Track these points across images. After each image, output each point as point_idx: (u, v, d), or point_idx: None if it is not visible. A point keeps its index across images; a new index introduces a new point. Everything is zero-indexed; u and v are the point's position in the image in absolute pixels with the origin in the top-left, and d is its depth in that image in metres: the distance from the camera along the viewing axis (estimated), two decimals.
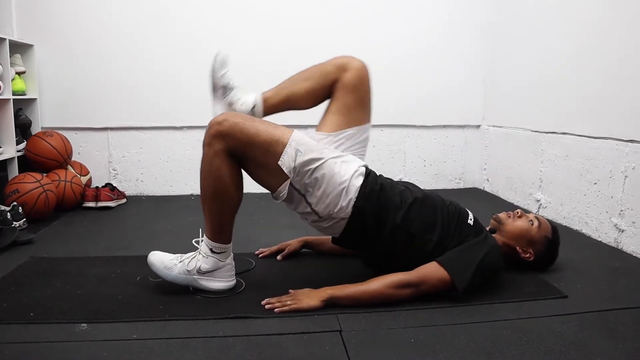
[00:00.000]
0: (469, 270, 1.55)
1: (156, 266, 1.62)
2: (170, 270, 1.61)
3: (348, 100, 1.72)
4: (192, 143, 3.30)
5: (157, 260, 1.63)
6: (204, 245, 1.63)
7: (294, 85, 1.75)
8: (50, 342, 1.33)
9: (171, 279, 1.62)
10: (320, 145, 1.63)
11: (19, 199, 2.45)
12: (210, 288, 1.63)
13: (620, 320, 1.46)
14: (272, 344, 1.32)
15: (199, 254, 1.63)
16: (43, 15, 3.10)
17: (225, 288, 1.64)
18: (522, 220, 1.80)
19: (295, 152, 1.54)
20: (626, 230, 2.13)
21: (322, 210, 1.58)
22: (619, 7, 2.19)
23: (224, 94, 1.71)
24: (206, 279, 1.62)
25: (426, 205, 1.66)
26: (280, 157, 1.53)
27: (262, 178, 1.62)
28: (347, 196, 1.57)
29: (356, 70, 1.73)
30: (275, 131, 1.57)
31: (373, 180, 1.62)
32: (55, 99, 3.17)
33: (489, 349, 1.30)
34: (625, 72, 2.15)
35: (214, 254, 1.61)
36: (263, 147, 1.54)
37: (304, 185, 1.56)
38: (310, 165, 1.55)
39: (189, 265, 1.61)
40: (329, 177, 1.56)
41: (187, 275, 1.61)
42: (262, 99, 1.72)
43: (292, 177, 1.55)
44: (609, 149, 2.22)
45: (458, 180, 3.58)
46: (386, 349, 1.30)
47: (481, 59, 3.46)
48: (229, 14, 3.24)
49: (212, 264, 1.62)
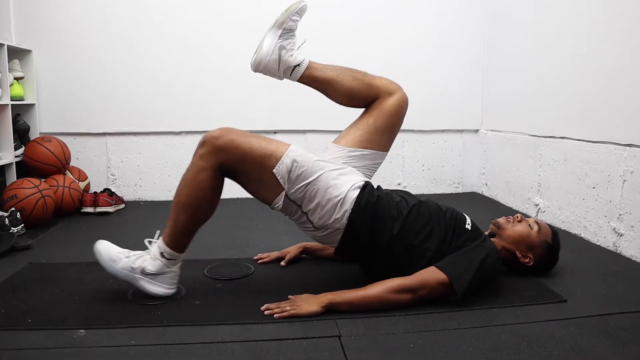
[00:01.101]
0: (468, 274, 1.54)
1: (101, 256, 1.60)
2: (114, 262, 1.59)
3: (380, 122, 1.74)
4: (190, 148, 3.25)
5: (104, 250, 1.61)
6: (155, 247, 1.61)
7: (342, 75, 1.76)
8: (48, 348, 1.32)
9: (112, 272, 1.59)
10: (319, 158, 1.63)
11: (17, 205, 2.44)
12: (148, 291, 1.60)
13: (619, 324, 1.45)
14: (271, 349, 1.32)
15: (147, 254, 1.61)
16: (41, 21, 3.11)
17: (164, 294, 1.61)
18: (522, 225, 1.80)
19: (292, 162, 1.55)
20: (625, 234, 2.13)
21: (317, 221, 1.59)
22: (617, 11, 2.20)
23: (283, 34, 1.71)
24: (147, 281, 1.59)
25: (422, 214, 1.65)
26: (276, 165, 1.54)
27: (257, 191, 1.63)
28: (342, 208, 1.57)
29: (400, 100, 1.78)
30: (269, 145, 1.58)
31: (370, 193, 1.62)
32: (53, 104, 3.17)
33: (489, 353, 1.29)
34: (623, 77, 2.15)
35: (163, 258, 1.59)
36: (257, 162, 1.55)
37: (299, 197, 1.57)
38: (305, 177, 1.56)
39: (135, 262, 1.59)
40: (324, 189, 1.56)
41: (129, 272, 1.58)
42: (308, 64, 1.73)
43: (286, 188, 1.56)
44: (608, 153, 2.23)
45: (457, 184, 3.58)
46: (385, 354, 1.30)
47: (479, 63, 3.47)
48: (228, 22, 3.25)
49: (158, 268, 1.59)
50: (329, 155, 1.72)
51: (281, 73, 1.73)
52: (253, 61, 1.73)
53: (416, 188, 3.52)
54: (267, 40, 1.71)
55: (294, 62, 1.71)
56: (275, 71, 1.73)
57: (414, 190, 3.51)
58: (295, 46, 1.74)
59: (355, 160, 1.72)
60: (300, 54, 1.74)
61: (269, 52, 1.70)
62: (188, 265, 1.92)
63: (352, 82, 1.75)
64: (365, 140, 1.74)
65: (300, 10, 1.73)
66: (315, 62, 1.77)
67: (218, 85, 3.27)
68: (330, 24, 3.32)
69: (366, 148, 1.73)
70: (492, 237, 1.79)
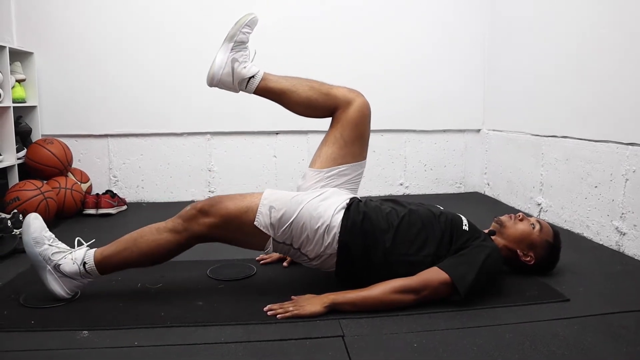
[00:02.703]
0: (471, 274, 1.54)
1: (29, 230, 1.56)
2: (36, 244, 1.55)
3: (347, 133, 1.73)
4: (192, 149, 3.31)
5: (34, 226, 1.57)
6: (81, 253, 1.59)
7: (298, 85, 1.76)
8: (51, 349, 1.32)
9: (29, 251, 1.56)
10: (296, 194, 1.64)
11: (20, 207, 2.45)
12: (48, 285, 1.56)
13: (623, 323, 1.45)
14: (275, 350, 1.32)
15: (70, 253, 1.58)
16: (43, 23, 3.11)
17: (60, 296, 1.58)
18: (523, 224, 1.80)
19: (269, 209, 1.56)
20: (627, 233, 2.12)
21: (311, 253, 1.60)
22: (618, 10, 2.20)
23: (235, 47, 1.72)
24: (53, 277, 1.56)
25: (414, 223, 1.64)
26: (255, 218, 1.55)
27: (245, 244, 1.65)
28: (330, 233, 1.57)
29: (361, 106, 1.76)
30: (243, 202, 1.58)
31: (355, 211, 1.61)
32: (55, 106, 3.17)
33: (492, 353, 1.29)
34: (625, 75, 2.15)
35: (82, 268, 1.56)
36: (237, 223, 1.56)
37: (287, 237, 1.58)
38: (287, 218, 1.56)
39: (54, 255, 1.56)
40: (309, 221, 1.57)
41: (44, 260, 1.55)
42: (262, 76, 1.74)
43: (272, 234, 1.57)
44: (610, 152, 2.23)
45: (459, 184, 3.58)
46: (389, 354, 1.30)
47: (481, 63, 3.47)
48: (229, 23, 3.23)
49: (71, 272, 1.56)
50: (309, 182, 1.73)
51: (236, 86, 1.74)
52: (207, 76, 1.73)
53: (418, 188, 3.52)
54: (219, 54, 1.72)
55: (248, 74, 1.73)
56: (230, 84, 1.74)
57: (416, 191, 3.51)
58: (248, 58, 1.76)
59: (335, 178, 1.73)
60: (255, 66, 1.75)
61: (221, 65, 1.71)
62: (191, 266, 1.93)
63: (308, 91, 1.75)
64: (338, 157, 1.73)
65: (251, 22, 1.75)
66: (271, 73, 1.77)
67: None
68: (332, 24, 3.32)
69: (341, 164, 1.73)
70: (492, 235, 1.79)
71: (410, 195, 3.47)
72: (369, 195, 3.45)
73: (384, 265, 1.59)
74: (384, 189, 3.48)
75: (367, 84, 3.35)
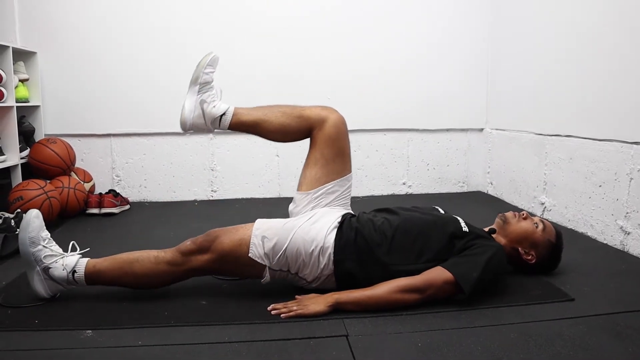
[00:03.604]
0: (475, 272, 1.53)
1: (27, 229, 1.57)
2: (31, 244, 1.56)
3: (327, 151, 1.74)
4: (195, 149, 3.31)
5: (32, 227, 1.57)
6: (74, 259, 1.60)
7: (269, 114, 1.77)
8: (55, 349, 1.33)
9: (21, 251, 1.57)
10: (287, 220, 1.66)
11: (23, 206, 2.45)
12: (33, 285, 1.58)
13: (628, 323, 1.44)
14: (279, 349, 1.32)
15: (61, 259, 1.59)
16: (46, 23, 3.12)
17: (41, 296, 1.59)
18: (526, 222, 1.79)
19: (262, 239, 1.58)
20: (632, 233, 2.11)
21: (309, 276, 1.61)
22: (621, 8, 2.19)
23: (201, 89, 1.74)
24: (39, 278, 1.58)
25: (409, 231, 1.63)
26: (249, 251, 1.57)
27: (242, 274, 1.68)
28: (325, 254, 1.58)
29: (336, 123, 1.76)
30: (236, 235, 1.60)
31: (347, 228, 1.62)
32: (58, 106, 3.17)
33: (497, 352, 1.29)
34: (629, 74, 2.14)
35: (71, 276, 1.58)
36: (232, 258, 1.58)
37: (283, 264, 1.59)
38: (280, 246, 1.58)
39: (46, 258, 1.57)
40: (302, 246, 1.58)
41: (35, 260, 1.57)
42: (233, 111, 1.75)
43: (268, 263, 1.58)
44: (614, 151, 2.22)
45: (462, 184, 3.57)
46: (393, 353, 1.30)
47: (483, 61, 3.46)
48: (228, 24, 3.25)
49: (58, 277, 1.58)
50: (299, 206, 1.74)
51: (209, 126, 1.75)
52: (180, 122, 1.75)
53: (421, 187, 3.51)
54: (187, 99, 1.74)
55: (218, 113, 1.73)
56: (203, 125, 1.75)
57: (419, 190, 3.51)
58: (217, 97, 1.77)
59: (324, 197, 1.74)
60: (224, 104, 1.76)
61: (191, 109, 1.73)
62: None
63: (281, 118, 1.75)
64: (322, 176, 1.74)
65: (212, 61, 1.75)
66: (241, 107, 1.78)
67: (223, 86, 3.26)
68: (333, 24, 3.32)
69: (326, 183, 1.74)
70: (493, 233, 1.78)
71: (413, 195, 3.46)
72: (372, 194, 3.45)
73: (385, 278, 1.57)
74: (387, 189, 3.48)
75: (370, 83, 3.39)
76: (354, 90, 3.36)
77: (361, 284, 1.58)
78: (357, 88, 3.37)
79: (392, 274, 1.58)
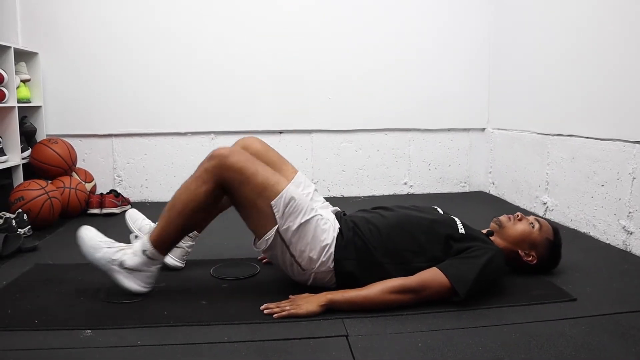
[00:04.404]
0: (471, 275, 1.52)
1: (84, 242, 1.60)
2: (95, 251, 1.58)
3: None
4: (196, 149, 3.31)
5: (87, 236, 1.61)
6: (139, 243, 1.61)
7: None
8: (55, 348, 1.32)
9: (91, 260, 1.59)
10: (309, 201, 1.65)
11: (24, 206, 2.45)
12: (123, 284, 1.59)
13: (631, 323, 1.43)
14: (278, 349, 1.31)
15: (129, 248, 1.61)
16: (47, 24, 3.12)
17: (137, 292, 1.61)
18: (522, 224, 1.77)
19: (290, 199, 1.56)
20: (635, 233, 2.10)
21: (305, 263, 1.60)
22: (625, 7, 2.18)
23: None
24: (124, 275, 1.59)
25: (404, 230, 1.64)
26: (275, 198, 1.54)
27: (249, 217, 1.61)
28: (327, 252, 1.59)
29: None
30: (272, 177, 1.58)
31: (345, 228, 1.63)
32: (59, 106, 3.18)
33: (498, 353, 1.28)
34: (631, 73, 2.13)
35: (144, 255, 1.59)
36: (257, 188, 1.55)
37: (289, 235, 1.57)
38: (299, 216, 1.56)
39: (115, 254, 1.58)
40: (313, 233, 1.58)
41: (108, 262, 1.58)
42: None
43: (279, 224, 1.56)
44: (616, 151, 2.21)
45: (463, 184, 3.56)
46: (393, 353, 1.29)
47: (485, 61, 3.45)
48: (228, 24, 3.25)
49: (137, 264, 1.59)
50: None
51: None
52: None
53: (422, 187, 3.51)
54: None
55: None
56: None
57: (421, 190, 3.50)
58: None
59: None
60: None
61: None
62: (194, 266, 1.93)
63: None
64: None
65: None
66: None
67: (223, 86, 3.28)
68: (334, 23, 3.32)
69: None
70: (491, 235, 1.77)
71: (415, 195, 3.46)
72: (373, 194, 3.44)
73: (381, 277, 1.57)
74: (388, 188, 3.47)
75: (371, 83, 3.38)
76: (355, 89, 3.36)
77: (360, 283, 1.57)
78: (358, 88, 3.36)
79: (389, 273, 1.58)
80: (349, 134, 3.35)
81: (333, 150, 3.38)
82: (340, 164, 3.40)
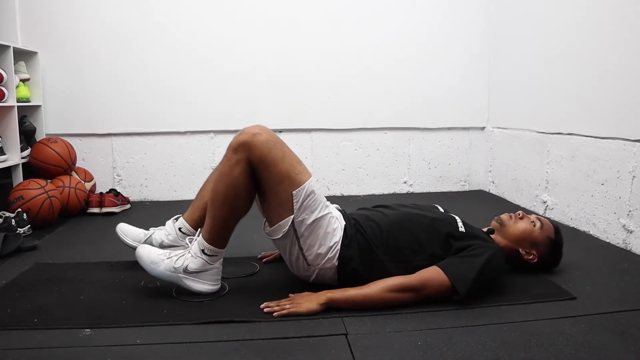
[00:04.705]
0: (471, 273, 1.52)
1: (143, 259, 1.61)
2: (156, 265, 1.59)
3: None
4: (195, 148, 3.31)
5: (145, 254, 1.62)
6: (195, 244, 1.61)
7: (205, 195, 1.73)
8: (54, 347, 1.32)
9: (156, 274, 1.60)
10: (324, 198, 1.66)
11: (24, 206, 2.45)
12: (193, 289, 1.60)
13: (630, 321, 1.43)
14: (278, 348, 1.31)
15: (188, 252, 1.61)
16: (47, 23, 3.12)
17: (209, 291, 1.62)
18: (523, 222, 1.77)
19: (311, 192, 1.56)
20: (635, 231, 2.10)
21: (312, 258, 1.60)
22: (625, 7, 2.18)
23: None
24: (191, 279, 1.60)
25: (404, 228, 1.64)
26: (298, 188, 1.54)
27: (269, 202, 1.60)
28: (334, 249, 1.60)
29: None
30: (298, 166, 1.57)
31: (349, 226, 1.64)
32: (59, 105, 3.18)
33: (498, 351, 1.28)
34: (631, 72, 2.13)
35: (204, 255, 1.59)
36: (281, 174, 1.54)
37: (302, 228, 1.57)
38: (315, 211, 1.57)
39: (176, 262, 1.59)
40: (325, 229, 1.59)
41: (172, 272, 1.59)
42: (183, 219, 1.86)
43: (295, 215, 1.55)
44: (616, 149, 2.20)
45: (463, 182, 3.56)
46: (393, 352, 1.29)
47: (485, 60, 3.45)
48: (228, 22, 3.25)
49: (200, 265, 1.59)
50: None
51: None
52: None
53: (422, 186, 3.50)
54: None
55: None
56: None
57: (421, 189, 3.50)
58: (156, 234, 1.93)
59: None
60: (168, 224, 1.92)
61: None
62: None
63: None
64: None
65: None
66: None
67: (223, 85, 3.28)
68: (333, 22, 3.31)
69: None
70: (491, 233, 1.76)
71: (414, 194, 3.45)
72: (373, 193, 3.44)
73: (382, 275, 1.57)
74: (388, 187, 3.47)
75: (371, 82, 3.38)
76: (354, 88, 3.36)
77: (361, 281, 1.57)
78: (357, 86, 3.36)
79: (389, 271, 1.58)
80: (349, 133, 3.35)
81: (333, 149, 3.38)
82: (340, 163, 3.40)
